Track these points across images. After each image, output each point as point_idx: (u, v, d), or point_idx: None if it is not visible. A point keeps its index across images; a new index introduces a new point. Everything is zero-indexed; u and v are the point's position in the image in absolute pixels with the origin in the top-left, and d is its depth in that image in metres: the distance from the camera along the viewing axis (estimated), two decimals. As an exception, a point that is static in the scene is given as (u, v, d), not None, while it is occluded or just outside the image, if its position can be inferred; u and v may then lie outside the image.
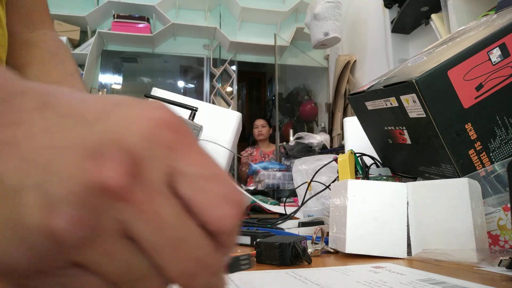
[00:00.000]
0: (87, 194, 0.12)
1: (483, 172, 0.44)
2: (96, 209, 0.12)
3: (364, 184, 0.43)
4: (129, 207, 0.12)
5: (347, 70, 2.82)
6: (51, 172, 0.12)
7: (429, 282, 0.28)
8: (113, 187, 0.12)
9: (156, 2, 3.06)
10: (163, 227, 0.13)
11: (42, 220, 0.11)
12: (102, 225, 0.12)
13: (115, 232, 0.13)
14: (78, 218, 0.12)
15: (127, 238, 0.13)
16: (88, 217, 0.12)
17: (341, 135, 2.77)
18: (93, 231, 0.12)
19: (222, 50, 3.46)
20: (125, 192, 0.12)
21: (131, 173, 0.12)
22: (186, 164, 0.14)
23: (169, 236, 0.13)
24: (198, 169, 0.14)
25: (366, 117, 0.62)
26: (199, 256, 0.14)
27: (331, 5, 2.50)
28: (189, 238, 0.13)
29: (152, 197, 0.13)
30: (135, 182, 0.13)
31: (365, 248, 0.41)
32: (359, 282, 0.28)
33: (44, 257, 0.12)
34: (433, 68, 0.44)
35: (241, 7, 3.20)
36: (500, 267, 0.32)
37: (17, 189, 0.12)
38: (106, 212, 0.12)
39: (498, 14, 0.58)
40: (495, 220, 0.42)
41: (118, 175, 0.12)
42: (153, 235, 0.13)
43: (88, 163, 0.12)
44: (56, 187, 0.12)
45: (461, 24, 1.34)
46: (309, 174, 0.94)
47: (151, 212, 0.13)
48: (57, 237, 0.12)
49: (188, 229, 0.14)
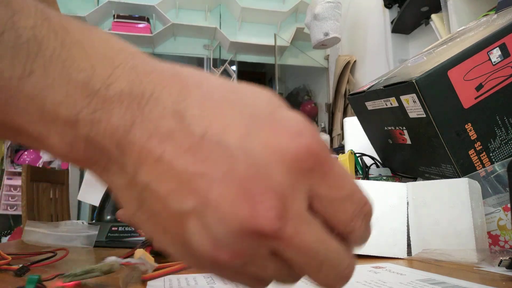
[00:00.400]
0: (245, 235, 0.13)
1: (483, 172, 0.44)
2: (253, 244, 0.14)
3: (364, 184, 0.43)
4: (280, 242, 0.14)
5: (347, 70, 2.82)
6: (209, 205, 0.13)
7: (429, 282, 0.28)
8: (267, 232, 0.13)
9: (156, 2, 3.06)
10: (308, 253, 0.15)
11: (209, 252, 0.14)
12: (257, 253, 0.15)
13: (267, 255, 0.15)
14: (238, 253, 0.14)
15: (276, 256, 0.15)
16: (246, 251, 0.14)
17: (341, 135, 2.77)
18: (250, 259, 0.15)
19: (222, 50, 3.46)
20: (277, 233, 0.14)
21: (282, 215, 0.14)
22: (325, 188, 0.15)
23: (314, 259, 0.15)
24: (336, 192, 0.15)
25: (366, 117, 0.62)
26: (340, 271, 0.16)
27: (331, 5, 2.50)
28: (331, 256, 0.15)
29: (299, 228, 0.14)
30: (285, 221, 0.14)
31: (365, 248, 0.41)
32: (359, 282, 0.28)
33: (209, 270, 0.15)
34: (433, 68, 0.44)
35: (241, 7, 3.20)
36: (500, 267, 0.32)
37: (177, 211, 0.14)
38: (261, 246, 0.14)
39: (498, 14, 0.58)
40: (495, 220, 0.42)
41: (270, 220, 0.13)
42: (300, 258, 0.15)
43: (242, 205, 0.13)
44: (216, 224, 0.13)
45: (461, 24, 1.34)
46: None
47: (299, 241, 0.14)
48: (222, 265, 0.14)
49: (329, 250, 0.15)
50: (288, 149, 0.14)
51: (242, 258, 0.14)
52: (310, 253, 0.15)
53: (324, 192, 0.15)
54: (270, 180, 0.14)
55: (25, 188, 1.60)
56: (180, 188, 0.14)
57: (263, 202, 0.13)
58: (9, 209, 2.68)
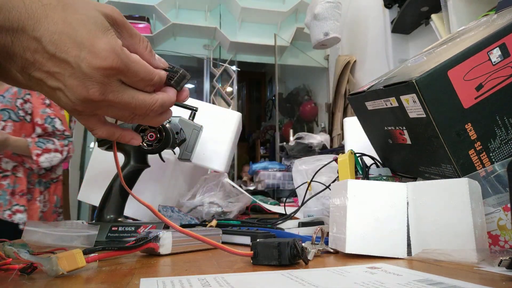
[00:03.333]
0: (86, 101, 0.31)
1: (483, 172, 0.44)
2: (92, 104, 0.32)
3: (364, 184, 0.43)
4: (107, 102, 0.32)
5: (347, 70, 2.82)
6: (67, 86, 0.31)
7: (427, 283, 0.28)
8: (96, 99, 0.31)
9: (156, 2, 3.06)
10: (126, 104, 0.33)
11: (70, 106, 0.32)
12: (99, 106, 0.33)
13: (105, 107, 0.33)
14: (81, 107, 0.32)
15: (112, 107, 0.33)
16: (86, 108, 0.32)
17: (341, 135, 2.77)
18: (92, 109, 0.33)
19: (222, 50, 3.46)
20: (103, 99, 0.32)
21: (102, 92, 0.32)
22: (127, 79, 0.33)
23: (130, 105, 0.34)
24: (135, 79, 0.33)
25: (366, 117, 0.62)
26: (148, 108, 0.35)
27: (331, 5, 2.50)
28: (139, 102, 0.34)
29: (116, 95, 0.32)
30: (106, 93, 0.32)
31: (365, 248, 0.41)
32: (356, 283, 0.28)
33: (87, 107, 0.32)
34: (433, 68, 0.44)
35: (241, 7, 3.20)
36: (500, 267, 0.32)
37: (49, 85, 0.31)
38: (98, 105, 0.32)
39: (498, 14, 0.58)
40: (495, 220, 0.42)
41: (97, 95, 0.31)
42: (124, 107, 0.34)
43: (83, 89, 0.31)
44: (71, 95, 0.31)
45: (461, 24, 1.34)
46: (309, 174, 0.94)
47: (119, 100, 0.33)
48: (92, 100, 0.31)
49: (136, 99, 0.34)
50: (101, 66, 0.30)
51: (84, 108, 0.32)
52: (127, 104, 0.33)
53: (127, 80, 0.33)
54: (94, 79, 0.30)
55: (25, 188, 1.60)
56: (48, 76, 0.30)
57: (92, 88, 0.31)
58: (9, 209, 2.67)
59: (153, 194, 0.92)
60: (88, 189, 0.94)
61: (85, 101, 0.31)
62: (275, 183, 2.81)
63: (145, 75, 0.33)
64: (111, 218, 0.62)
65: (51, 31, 0.28)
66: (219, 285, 0.28)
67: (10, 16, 0.28)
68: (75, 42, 0.29)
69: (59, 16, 0.29)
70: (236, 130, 0.95)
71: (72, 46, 0.29)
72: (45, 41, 0.28)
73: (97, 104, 0.32)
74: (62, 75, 0.30)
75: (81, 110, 0.32)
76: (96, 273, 0.35)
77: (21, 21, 0.28)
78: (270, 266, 0.37)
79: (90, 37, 0.30)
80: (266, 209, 1.04)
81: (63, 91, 0.31)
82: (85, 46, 0.29)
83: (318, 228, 0.45)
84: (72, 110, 0.32)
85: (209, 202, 0.87)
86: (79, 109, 0.32)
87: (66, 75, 0.30)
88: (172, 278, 0.31)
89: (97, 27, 0.30)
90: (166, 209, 0.80)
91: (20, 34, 0.28)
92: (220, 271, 0.36)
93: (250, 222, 0.73)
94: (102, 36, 0.30)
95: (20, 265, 0.34)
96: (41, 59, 0.29)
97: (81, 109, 0.32)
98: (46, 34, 0.28)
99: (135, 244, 0.42)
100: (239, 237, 0.56)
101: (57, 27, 0.29)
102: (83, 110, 0.32)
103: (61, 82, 0.30)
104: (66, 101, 0.31)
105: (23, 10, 0.28)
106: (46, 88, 0.31)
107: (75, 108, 0.32)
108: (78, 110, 0.32)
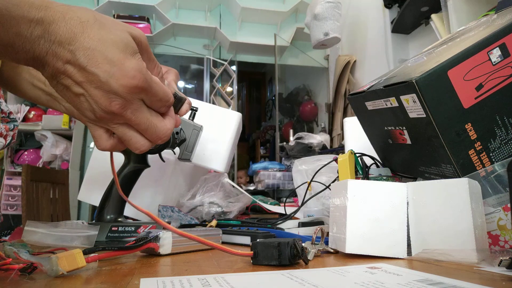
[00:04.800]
0: (108, 112, 0.34)
1: (483, 172, 0.44)
2: (111, 116, 0.34)
3: (364, 184, 0.43)
4: (123, 118, 0.35)
5: (347, 70, 2.82)
6: (91, 95, 0.33)
7: (427, 283, 0.28)
8: (116, 112, 0.34)
9: (156, 2, 3.06)
10: (140, 123, 0.36)
11: (106, 105, 0.33)
12: (114, 119, 0.35)
13: (120, 125, 0.36)
14: (101, 116, 0.34)
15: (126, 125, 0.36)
16: (107, 117, 0.34)
17: (341, 135, 2.77)
18: (111, 118, 0.35)
19: (222, 50, 3.46)
20: (120, 114, 0.34)
21: (123, 107, 0.34)
22: (148, 99, 0.36)
23: (143, 125, 0.36)
24: (155, 100, 0.37)
25: (366, 117, 0.62)
26: (157, 131, 0.38)
27: (331, 5, 2.50)
28: (150, 124, 0.37)
29: (134, 113, 0.35)
30: (125, 109, 0.34)
31: (365, 248, 0.41)
32: (356, 283, 0.28)
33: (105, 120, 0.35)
34: (433, 68, 0.44)
35: (241, 7, 3.19)
36: (500, 267, 0.32)
37: (73, 91, 0.33)
38: (115, 118, 0.35)
39: (498, 14, 0.58)
40: (495, 220, 0.42)
41: (117, 108, 0.34)
42: (136, 126, 0.36)
43: (106, 101, 0.33)
44: (94, 104, 0.33)
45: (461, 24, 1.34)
46: (309, 174, 0.94)
47: (134, 118, 0.36)
48: (112, 111, 0.34)
49: (149, 121, 0.37)
50: (129, 83, 0.33)
51: (101, 117, 0.34)
52: (140, 124, 0.36)
53: (147, 99, 0.36)
54: (118, 94, 0.33)
55: (25, 188, 1.60)
56: (75, 84, 0.32)
57: (115, 101, 0.33)
58: (9, 209, 2.67)
59: (153, 194, 0.92)
60: (88, 189, 0.94)
61: (105, 111, 0.33)
62: (275, 183, 2.81)
63: (163, 96, 0.37)
64: (111, 218, 0.62)
65: (86, 46, 0.31)
66: (219, 285, 0.28)
67: (50, 29, 0.30)
68: (107, 59, 0.32)
69: (95, 33, 0.32)
70: (236, 130, 0.95)
71: (103, 62, 0.32)
72: (79, 54, 0.31)
73: (114, 117, 0.34)
74: (89, 86, 0.32)
75: (98, 119, 0.34)
76: (96, 273, 0.35)
77: (59, 34, 0.30)
78: (270, 266, 0.37)
79: (121, 57, 0.33)
80: (266, 209, 1.04)
81: (86, 98, 0.33)
82: (116, 64, 0.32)
83: (318, 228, 0.45)
84: (90, 116, 0.34)
85: (209, 202, 0.87)
86: (97, 117, 0.34)
87: (93, 86, 0.32)
88: (172, 278, 0.31)
89: (127, 48, 0.33)
90: (166, 209, 0.80)
91: (56, 46, 0.31)
92: (220, 271, 0.36)
93: (250, 222, 0.73)
94: (131, 58, 0.33)
95: (20, 265, 0.34)
96: (71, 69, 0.31)
97: (99, 117, 0.34)
98: (81, 48, 0.31)
99: (135, 244, 0.42)
100: (239, 237, 0.56)
101: (91, 43, 0.31)
102: (100, 118, 0.34)
103: (85, 90, 0.32)
104: (88, 107, 0.33)
105: (62, 24, 0.30)
106: (71, 93, 0.33)
107: (94, 115, 0.34)
108: (96, 117, 0.34)
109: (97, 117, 0.34)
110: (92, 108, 0.33)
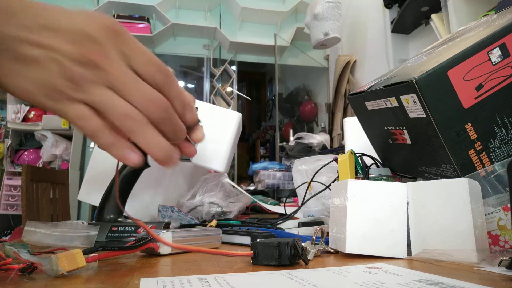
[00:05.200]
0: (83, 60, 0.28)
1: (483, 172, 0.44)
2: (89, 71, 0.28)
3: (364, 184, 0.43)
4: (104, 73, 0.29)
5: (347, 70, 2.82)
6: (62, 51, 0.27)
7: (427, 283, 0.28)
8: (93, 60, 0.28)
9: (156, 2, 3.06)
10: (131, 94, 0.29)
11: (81, 52, 0.28)
12: (110, 51, 0.29)
13: (117, 57, 0.30)
14: (100, 50, 0.28)
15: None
16: (104, 48, 0.29)
17: (341, 135, 2.77)
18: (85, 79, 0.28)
19: (222, 50, 3.46)
20: (101, 62, 0.28)
21: (103, 55, 0.28)
22: (128, 50, 0.30)
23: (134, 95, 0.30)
24: (140, 56, 0.30)
25: (366, 117, 0.62)
26: (149, 98, 0.30)
27: (331, 5, 2.50)
28: (144, 94, 0.30)
29: (120, 72, 0.29)
30: (106, 59, 0.29)
31: (365, 248, 0.41)
32: (356, 283, 0.28)
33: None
34: (433, 68, 0.44)
35: (241, 7, 3.20)
36: (500, 267, 0.32)
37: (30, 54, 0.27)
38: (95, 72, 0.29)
39: (498, 14, 0.58)
40: (495, 220, 0.42)
41: (96, 55, 0.28)
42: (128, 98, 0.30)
43: (79, 47, 0.28)
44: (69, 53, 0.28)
45: (461, 24, 1.34)
46: (309, 174, 0.94)
47: (123, 81, 0.29)
48: (91, 60, 0.28)
49: (140, 90, 0.30)
50: (100, 24, 0.28)
51: (78, 77, 0.28)
52: (120, 78, 0.29)
53: (129, 54, 0.30)
54: (91, 36, 0.28)
55: (25, 188, 1.60)
56: (39, 48, 0.27)
57: (90, 46, 0.28)
58: (9, 209, 2.67)
59: (153, 194, 0.92)
60: (88, 189, 0.94)
61: (80, 62, 0.27)
62: (275, 183, 2.81)
63: (150, 57, 0.32)
64: (111, 218, 0.62)
65: (44, 16, 0.28)
66: (219, 285, 0.28)
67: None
68: (70, 14, 0.29)
69: (57, 11, 0.29)
70: (236, 130, 0.95)
71: (65, 17, 0.28)
72: (38, 19, 0.27)
73: (91, 74, 0.28)
74: (52, 41, 0.27)
75: (71, 80, 0.27)
76: (96, 273, 0.35)
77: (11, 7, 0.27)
78: (270, 266, 0.37)
79: (87, 12, 0.30)
80: (266, 209, 1.04)
81: (53, 56, 0.27)
82: (80, 14, 0.29)
83: (318, 228, 0.45)
84: (60, 84, 0.27)
85: (209, 202, 0.87)
86: (69, 77, 0.27)
87: (58, 39, 0.27)
88: (172, 278, 0.31)
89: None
90: (166, 209, 0.80)
91: (6, 15, 0.27)
92: (220, 271, 0.36)
93: (250, 222, 0.73)
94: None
95: (20, 265, 0.34)
96: (30, 35, 0.27)
97: (70, 76, 0.27)
98: (41, 16, 0.28)
99: (135, 244, 0.42)
100: (239, 237, 0.56)
101: (54, 11, 0.28)
102: (73, 80, 0.27)
103: (50, 44, 0.27)
104: (56, 69, 0.27)
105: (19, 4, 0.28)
106: (30, 63, 0.27)
107: (65, 76, 0.27)
108: (68, 79, 0.27)
109: (69, 79, 0.27)
110: (64, 66, 0.27)
